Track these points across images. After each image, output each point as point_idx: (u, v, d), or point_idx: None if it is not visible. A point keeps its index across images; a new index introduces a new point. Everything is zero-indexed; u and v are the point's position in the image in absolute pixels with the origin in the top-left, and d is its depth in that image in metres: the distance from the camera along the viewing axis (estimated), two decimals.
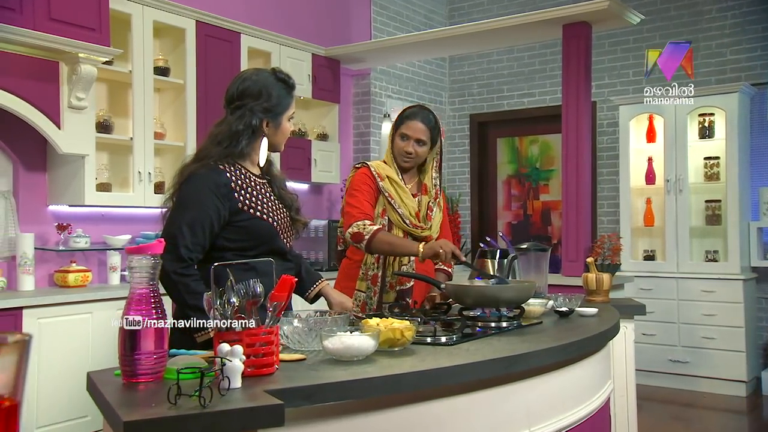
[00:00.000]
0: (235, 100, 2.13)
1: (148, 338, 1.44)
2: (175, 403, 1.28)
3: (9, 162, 4.07)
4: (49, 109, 3.79)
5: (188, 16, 4.61)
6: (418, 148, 2.73)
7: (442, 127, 2.85)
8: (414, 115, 2.75)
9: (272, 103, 2.13)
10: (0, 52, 3.55)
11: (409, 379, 1.59)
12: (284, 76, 2.19)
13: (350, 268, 2.73)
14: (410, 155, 2.74)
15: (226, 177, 2.05)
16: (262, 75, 2.17)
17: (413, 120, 2.73)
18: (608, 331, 2.33)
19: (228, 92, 2.16)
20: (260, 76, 2.16)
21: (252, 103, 2.10)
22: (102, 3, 3.91)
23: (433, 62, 6.98)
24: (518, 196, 6.94)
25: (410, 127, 2.73)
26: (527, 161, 6.90)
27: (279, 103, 2.14)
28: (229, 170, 2.07)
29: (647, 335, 5.58)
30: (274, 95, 2.13)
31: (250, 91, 2.11)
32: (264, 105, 2.11)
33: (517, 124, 6.87)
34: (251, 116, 2.10)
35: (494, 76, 6.96)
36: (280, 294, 1.60)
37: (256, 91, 2.11)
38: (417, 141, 2.73)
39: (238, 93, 2.13)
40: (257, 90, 2.11)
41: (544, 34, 5.35)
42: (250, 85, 2.12)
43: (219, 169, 2.05)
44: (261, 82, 2.13)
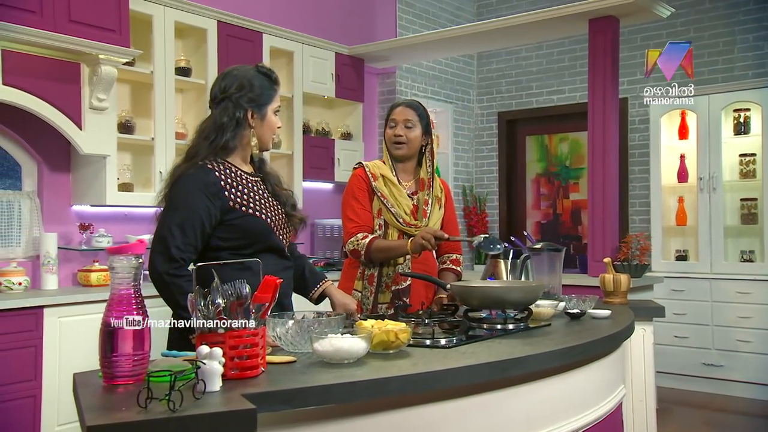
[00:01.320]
0: (219, 96, 2.12)
1: (126, 340, 1.42)
2: (146, 407, 1.25)
3: (34, 163, 4.14)
4: (71, 110, 3.83)
5: (209, 17, 4.63)
6: (407, 131, 2.71)
7: (432, 118, 2.81)
8: (399, 103, 2.79)
9: (255, 94, 2.11)
10: (22, 54, 3.61)
11: (395, 384, 1.54)
12: (266, 70, 2.19)
13: (350, 268, 2.72)
14: (399, 137, 2.71)
15: (215, 176, 2.04)
16: (244, 69, 2.17)
17: (399, 107, 2.76)
18: (618, 334, 2.24)
19: (212, 91, 2.16)
20: (242, 70, 2.16)
21: (236, 95, 2.09)
22: (122, 4, 3.94)
23: (461, 60, 6.91)
24: (547, 195, 6.82)
25: (396, 113, 2.75)
26: (557, 159, 6.77)
27: (262, 93, 2.13)
28: (218, 169, 2.06)
29: (680, 338, 5.44)
30: (257, 86, 2.12)
31: (233, 84, 2.11)
32: (248, 95, 2.10)
33: (546, 122, 6.75)
34: (235, 108, 2.09)
35: (523, 73, 6.85)
36: (263, 295, 1.57)
37: (239, 84, 2.11)
38: (405, 124, 2.71)
39: (221, 89, 2.12)
40: (239, 82, 2.11)
41: (571, 29, 5.24)
42: (232, 80, 2.12)
43: (207, 169, 2.04)
44: (243, 75, 2.13)
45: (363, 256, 2.59)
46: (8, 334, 3.39)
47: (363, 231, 2.62)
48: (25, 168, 4.13)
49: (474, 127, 7.11)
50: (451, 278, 2.81)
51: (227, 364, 1.48)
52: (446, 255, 2.88)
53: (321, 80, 5.39)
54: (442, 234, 2.47)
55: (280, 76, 5.41)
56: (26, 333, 3.46)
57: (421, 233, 2.48)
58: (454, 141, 6.82)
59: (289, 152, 5.19)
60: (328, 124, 5.60)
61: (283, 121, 5.21)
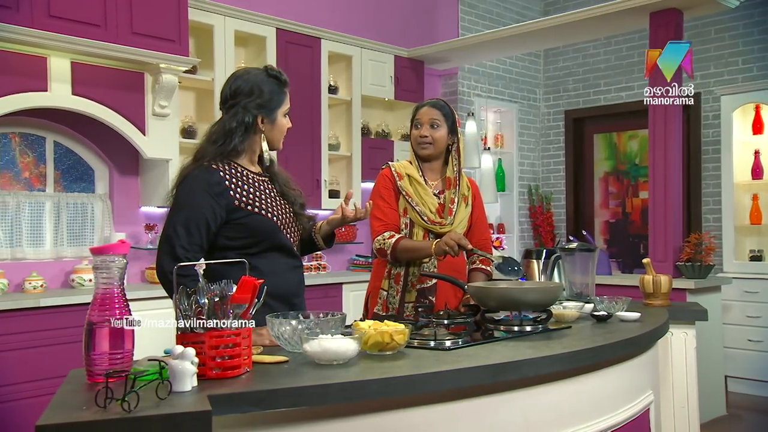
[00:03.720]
0: (228, 100, 2.16)
1: (103, 339, 1.45)
2: (105, 407, 1.26)
3: (105, 167, 4.41)
4: (135, 117, 4.06)
5: (269, 24, 4.79)
6: (432, 131, 2.71)
7: (457, 117, 2.81)
8: (424, 104, 2.79)
9: (265, 99, 2.13)
10: (89, 65, 3.86)
11: (372, 387, 1.52)
12: (276, 73, 2.20)
13: (379, 267, 2.76)
14: (425, 138, 2.71)
15: (219, 176, 2.06)
16: (254, 72, 2.19)
17: (424, 107, 2.76)
18: (640, 338, 2.18)
19: (222, 94, 2.19)
20: (251, 74, 2.18)
21: (245, 101, 2.12)
22: (181, 16, 4.14)
23: (527, 59, 6.83)
24: (616, 194, 6.64)
25: (422, 114, 2.74)
26: (626, 157, 6.59)
27: (272, 98, 2.15)
28: (223, 169, 2.08)
29: (753, 341, 5.19)
30: (266, 91, 2.14)
31: (242, 89, 2.13)
32: (257, 101, 2.12)
33: (614, 119, 6.58)
34: (244, 113, 2.11)
35: (590, 71, 6.71)
36: (241, 296, 1.58)
37: (248, 89, 2.12)
38: (430, 124, 2.72)
39: (231, 93, 2.15)
40: (249, 87, 2.13)
41: (632, 24, 5.09)
42: (242, 84, 2.14)
43: (212, 169, 2.07)
44: (252, 80, 2.15)
45: (389, 255, 2.63)
46: (77, 327, 3.62)
47: (389, 230, 2.66)
48: (98, 172, 4.41)
49: (540, 126, 7.01)
50: (481, 278, 2.79)
51: (208, 363, 1.50)
52: (476, 255, 2.87)
53: (380, 83, 5.46)
54: (466, 243, 2.45)
55: (339, 80, 5.56)
56: None
57: (446, 239, 2.47)
58: (519, 140, 6.75)
59: (348, 154, 5.29)
60: (388, 125, 5.67)
61: (342, 123, 5.37)
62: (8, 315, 3.47)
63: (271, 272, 2.11)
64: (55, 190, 4.23)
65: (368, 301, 2.82)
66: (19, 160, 4.14)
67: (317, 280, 4.86)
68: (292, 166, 4.90)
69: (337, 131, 5.35)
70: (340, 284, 4.90)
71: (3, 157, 4.07)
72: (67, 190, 4.28)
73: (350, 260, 5.56)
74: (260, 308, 2.04)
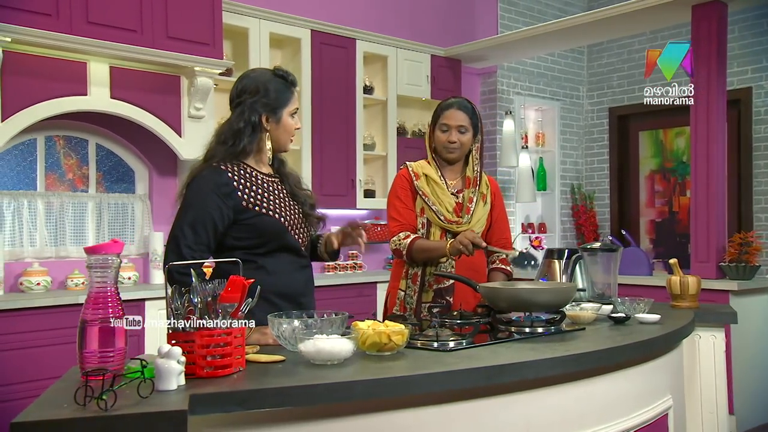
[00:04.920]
0: (235, 99, 2.18)
1: (93, 337, 1.48)
2: (84, 405, 1.27)
3: (145, 168, 4.54)
4: (172, 120, 4.17)
5: (303, 26, 4.84)
6: (460, 136, 2.69)
7: (480, 114, 2.77)
8: (450, 105, 2.72)
9: (270, 98, 2.14)
10: (126, 69, 3.97)
11: (358, 388, 1.52)
12: (283, 72, 2.21)
13: (397, 268, 2.75)
14: (453, 144, 2.69)
15: (227, 177, 2.08)
16: (260, 72, 2.22)
17: (450, 109, 2.70)
18: (654, 341, 2.12)
19: (230, 94, 2.22)
20: (258, 74, 2.20)
21: (250, 100, 2.14)
22: (215, 19, 4.23)
23: (569, 56, 6.71)
24: (662, 192, 6.47)
25: (449, 117, 2.69)
26: (672, 155, 6.41)
27: (277, 97, 2.15)
28: (231, 170, 2.11)
29: None
30: (272, 89, 2.15)
31: (248, 88, 2.15)
32: (262, 100, 2.13)
33: (660, 116, 6.39)
34: (250, 112, 2.13)
35: (636, 66, 6.54)
36: (229, 295, 1.59)
37: (254, 88, 2.14)
38: (458, 129, 2.69)
39: (237, 92, 2.18)
40: (254, 86, 2.14)
41: (675, 17, 4.96)
42: (248, 83, 2.17)
43: (220, 170, 2.10)
44: (258, 79, 2.17)
45: (405, 255, 2.63)
46: None
47: (405, 230, 2.65)
48: (138, 173, 4.54)
49: (584, 123, 6.88)
50: (500, 278, 2.77)
51: (199, 362, 1.52)
52: (495, 255, 2.84)
53: (416, 82, 5.46)
54: (481, 242, 2.43)
55: (375, 80, 5.56)
56: None
57: (460, 238, 2.46)
58: (562, 138, 6.64)
59: (383, 153, 5.30)
60: (424, 125, 5.65)
61: (378, 123, 5.38)
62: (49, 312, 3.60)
63: (278, 272, 2.15)
64: (97, 191, 4.37)
65: (387, 301, 2.83)
66: (63, 162, 4.29)
67: (352, 279, 4.89)
68: (327, 166, 4.94)
69: (373, 131, 5.37)
70: (375, 283, 4.92)
71: (48, 160, 4.23)
72: (108, 190, 4.42)
73: (386, 259, 5.58)
74: (267, 308, 2.07)
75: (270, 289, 2.11)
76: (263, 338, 1.98)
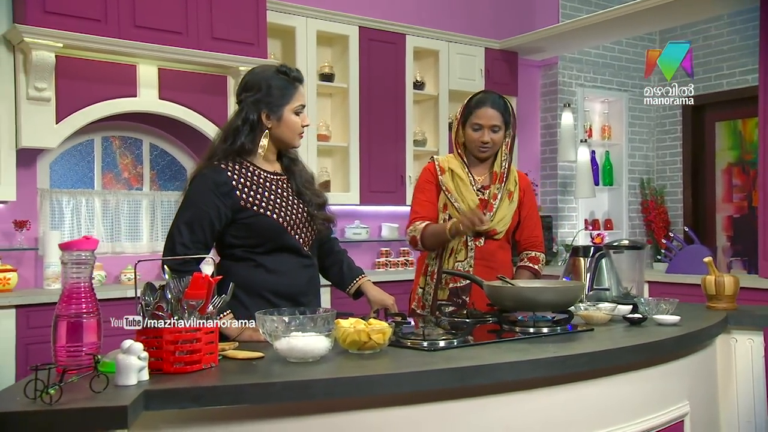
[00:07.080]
0: (238, 98, 2.18)
1: (61, 332, 1.50)
2: (34, 399, 1.28)
3: None
4: (218, 119, 4.25)
5: (351, 23, 4.84)
6: (494, 135, 2.61)
7: (513, 109, 2.66)
8: (482, 102, 2.62)
9: (270, 95, 2.12)
10: (174, 71, 4.10)
11: (318, 387, 1.49)
12: (286, 69, 2.17)
13: (420, 264, 2.72)
14: (487, 144, 2.61)
15: (227, 176, 2.07)
16: (263, 69, 2.19)
17: (483, 107, 2.60)
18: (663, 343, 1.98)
19: (236, 91, 2.22)
20: (260, 71, 2.18)
21: (249, 97, 2.12)
22: (260, 19, 4.29)
23: (639, 44, 6.41)
24: (741, 187, 6.08)
25: (481, 116, 2.60)
26: (752, 146, 6.01)
27: (278, 94, 2.13)
28: (232, 168, 2.10)
29: None
30: (274, 86, 2.12)
31: (249, 85, 2.15)
32: (261, 98, 2.11)
33: (739, 105, 6.01)
34: (248, 110, 2.11)
35: (712, 53, 6.18)
36: (194, 292, 1.58)
37: (254, 85, 2.13)
38: (492, 129, 2.60)
39: (240, 90, 2.18)
40: (255, 84, 2.13)
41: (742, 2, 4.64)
42: (250, 81, 2.15)
43: (220, 169, 2.08)
44: (260, 76, 2.15)
45: (419, 243, 2.58)
46: None
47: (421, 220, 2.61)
48: (190, 171, 4.65)
49: (655, 115, 6.56)
50: (527, 276, 2.68)
51: (167, 358, 1.53)
52: (525, 252, 2.75)
53: (469, 77, 5.35)
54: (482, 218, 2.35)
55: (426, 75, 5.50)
56: None
57: (461, 218, 2.40)
58: (630, 131, 6.36)
59: (435, 149, 5.24)
60: None
61: (430, 119, 5.32)
62: (102, 305, 3.75)
63: (278, 270, 2.14)
64: (151, 189, 4.54)
65: (410, 297, 2.79)
66: (119, 161, 4.48)
67: (403, 276, 4.85)
68: (375, 162, 4.93)
69: (424, 127, 5.31)
70: None
71: (105, 159, 4.42)
72: (162, 188, 4.57)
73: None
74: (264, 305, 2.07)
75: (268, 288, 2.13)
76: (255, 335, 1.97)
